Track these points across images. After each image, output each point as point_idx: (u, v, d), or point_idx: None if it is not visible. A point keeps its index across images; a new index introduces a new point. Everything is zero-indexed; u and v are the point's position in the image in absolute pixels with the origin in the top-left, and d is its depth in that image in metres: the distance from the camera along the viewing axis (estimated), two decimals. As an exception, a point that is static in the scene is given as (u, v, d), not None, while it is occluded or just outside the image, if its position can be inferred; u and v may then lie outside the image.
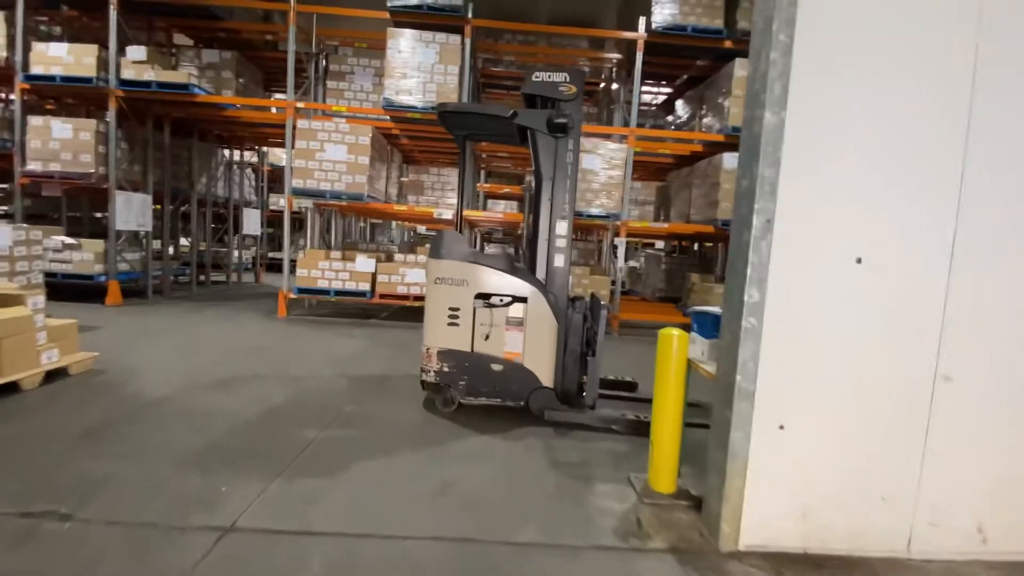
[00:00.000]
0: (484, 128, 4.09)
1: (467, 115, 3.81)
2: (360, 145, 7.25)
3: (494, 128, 4.06)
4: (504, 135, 4.32)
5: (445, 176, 10.01)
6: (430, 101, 7.30)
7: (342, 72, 8.46)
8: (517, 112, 3.65)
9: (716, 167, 7.76)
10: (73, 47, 7.26)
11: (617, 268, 7.75)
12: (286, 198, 7.44)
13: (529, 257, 3.87)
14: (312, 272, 7.40)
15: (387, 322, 7.70)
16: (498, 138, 4.39)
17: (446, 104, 3.70)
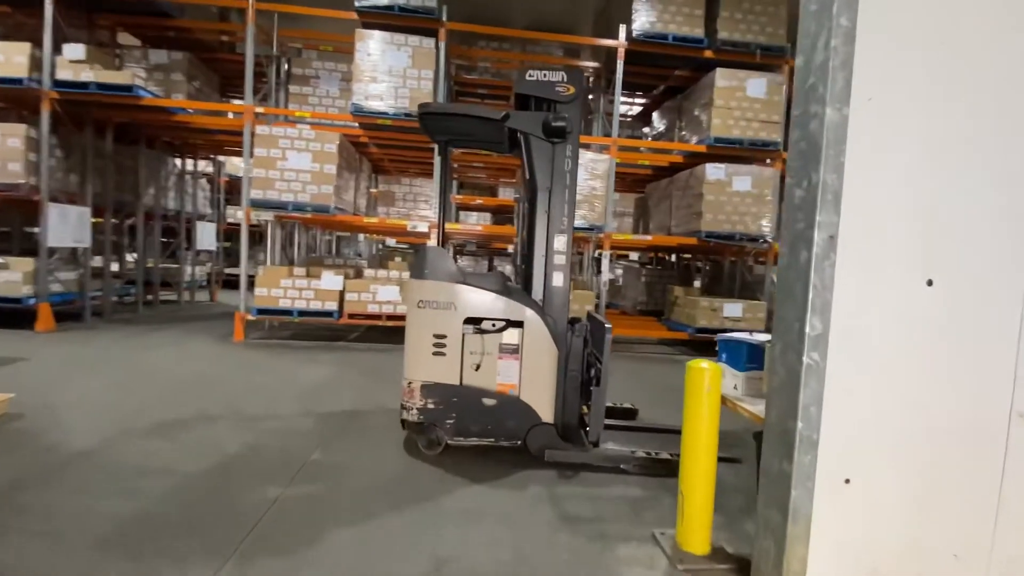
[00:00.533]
0: (470, 133, 3.67)
1: (451, 118, 3.39)
2: (326, 153, 6.71)
3: (481, 133, 3.65)
4: (492, 141, 3.91)
5: (418, 187, 9.53)
6: (402, 107, 6.85)
7: (306, 76, 7.92)
8: (509, 114, 3.26)
9: (699, 178, 7.58)
10: (3, 45, 6.48)
11: (601, 282, 7.43)
12: (243, 210, 6.81)
13: (524, 276, 3.46)
14: (272, 291, 6.77)
15: (357, 344, 7.12)
16: (484, 144, 3.98)
17: (428, 105, 3.27)
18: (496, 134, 3.62)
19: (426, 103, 3.21)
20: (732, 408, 2.32)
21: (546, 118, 3.22)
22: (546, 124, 3.22)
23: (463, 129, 3.59)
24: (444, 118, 3.39)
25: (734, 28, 7.40)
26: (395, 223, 7.39)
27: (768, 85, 7.41)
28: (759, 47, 7.45)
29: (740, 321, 7.59)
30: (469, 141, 3.95)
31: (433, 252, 3.25)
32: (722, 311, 7.55)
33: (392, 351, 6.74)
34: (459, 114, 3.31)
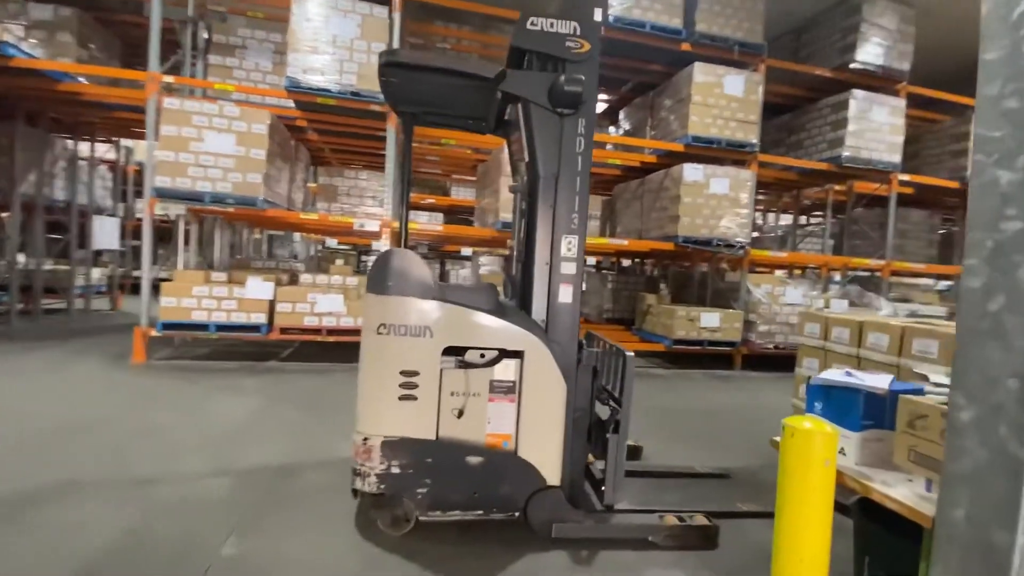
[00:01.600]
0: (448, 100, 2.82)
1: (426, 74, 2.51)
2: (254, 135, 5.58)
3: (463, 100, 2.81)
4: (474, 115, 3.07)
5: (364, 181, 8.46)
6: (348, 85, 5.83)
7: (230, 45, 6.69)
8: (506, 73, 2.43)
9: (676, 179, 7.07)
10: None
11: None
12: (146, 201, 5.53)
13: (521, 290, 2.64)
14: (184, 300, 5.53)
15: (290, 365, 5.99)
16: (463, 120, 3.13)
17: (397, 53, 2.37)
18: (483, 102, 2.79)
19: (394, 50, 2.33)
20: (855, 487, 1.62)
21: (555, 81, 2.42)
22: (555, 89, 2.42)
23: (439, 94, 2.73)
24: (417, 75, 2.51)
25: (712, 21, 6.96)
26: (339, 221, 6.34)
27: (746, 83, 7.03)
28: (737, 43, 7.05)
29: (717, 332, 7.15)
30: (444, 114, 3.09)
31: (400, 257, 2.36)
32: (699, 321, 7.07)
33: (334, 372, 5.69)
34: (439, 69, 2.43)
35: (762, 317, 7.45)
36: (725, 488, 3.27)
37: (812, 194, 10.81)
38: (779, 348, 7.43)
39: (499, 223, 6.41)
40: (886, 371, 3.03)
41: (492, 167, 7.15)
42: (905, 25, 7.76)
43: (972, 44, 6.08)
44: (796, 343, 7.37)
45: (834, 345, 3.45)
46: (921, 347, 2.80)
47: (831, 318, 3.50)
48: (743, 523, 2.77)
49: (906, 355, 2.90)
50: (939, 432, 1.49)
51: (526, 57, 2.60)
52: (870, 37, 7.54)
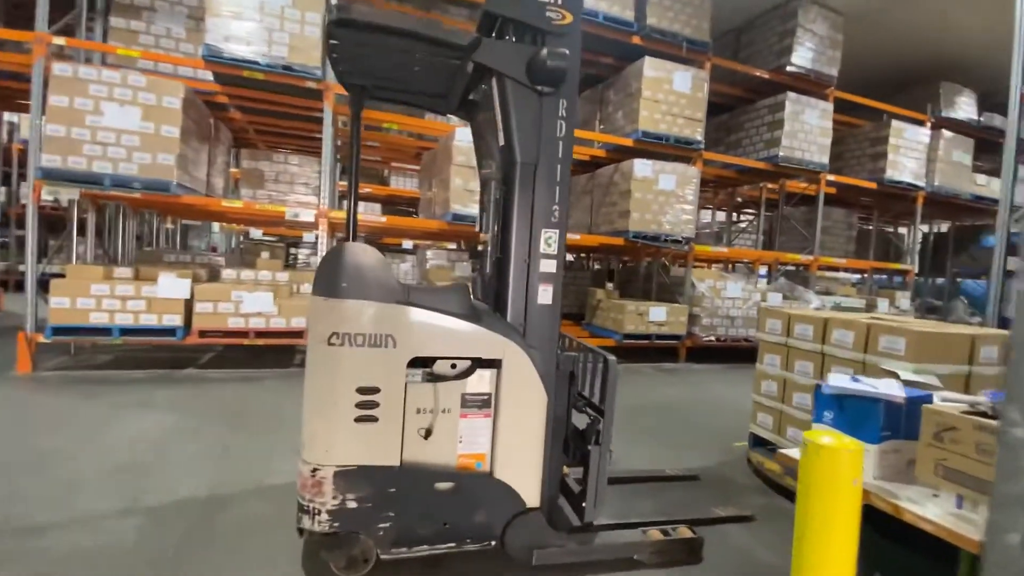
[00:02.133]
0: (405, 72, 2.46)
1: (385, 39, 2.14)
2: (165, 109, 4.85)
3: (423, 73, 2.46)
4: (434, 92, 2.72)
5: (295, 166, 7.76)
6: (279, 57, 5.23)
7: (136, 7, 5.81)
8: (481, 41, 2.12)
9: (626, 174, 7.03)
10: None
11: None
12: (30, 184, 4.66)
13: (495, 290, 2.34)
14: (80, 300, 4.73)
15: (210, 372, 5.32)
16: (421, 96, 2.76)
17: (350, 9, 1.98)
18: (448, 76, 2.46)
19: (346, 5, 1.93)
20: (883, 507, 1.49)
21: (535, 53, 2.15)
22: (535, 63, 2.14)
23: (398, 64, 2.37)
24: (374, 38, 2.13)
25: (663, 15, 6.95)
26: (268, 210, 5.71)
27: (693, 80, 7.10)
28: (685, 39, 7.09)
29: (664, 325, 7.22)
30: (400, 89, 2.72)
31: (356, 254, 1.99)
32: (648, 315, 7.10)
33: (264, 379, 5.12)
34: (402, 31, 2.07)
35: (705, 311, 7.62)
36: (696, 491, 3.17)
37: (745, 192, 11.30)
38: (721, 340, 7.64)
39: (449, 215, 6.05)
40: (851, 367, 3.05)
41: (440, 155, 6.76)
42: (834, 32, 8.18)
43: (892, 52, 6.44)
44: (736, 336, 7.57)
45: (797, 342, 3.44)
46: (888, 344, 2.81)
47: (794, 315, 3.49)
48: (722, 529, 2.66)
49: (872, 351, 2.90)
50: (974, 446, 1.38)
51: (497, 25, 2.30)
52: (804, 42, 7.86)
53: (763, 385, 3.73)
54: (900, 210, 10.68)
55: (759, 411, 3.72)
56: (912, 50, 9.45)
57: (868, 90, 9.09)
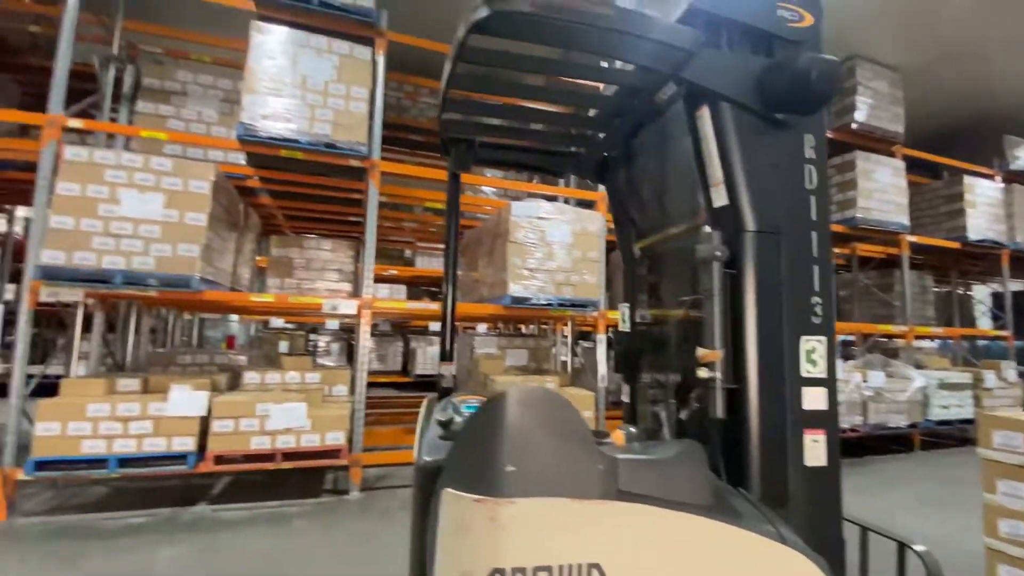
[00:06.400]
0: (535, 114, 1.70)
1: (542, 41, 1.36)
2: (193, 195, 4.20)
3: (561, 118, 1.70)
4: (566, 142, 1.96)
5: (328, 251, 7.10)
6: (321, 136, 4.68)
7: (166, 91, 5.42)
8: (692, 53, 1.35)
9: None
10: None
11: (599, 378, 5.52)
12: (25, 286, 3.93)
13: (713, 439, 1.38)
14: (72, 425, 3.81)
15: (226, 510, 4.23)
16: (537, 156, 1.99)
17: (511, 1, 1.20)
18: (600, 114, 1.69)
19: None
20: None
21: (770, 68, 1.37)
22: (771, 78, 1.36)
23: (537, 91, 1.64)
24: (540, 28, 1.31)
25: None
26: (304, 302, 4.92)
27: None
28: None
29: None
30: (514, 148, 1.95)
31: (530, 409, 1.07)
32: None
33: (293, 519, 4.03)
34: (590, 21, 1.26)
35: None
36: None
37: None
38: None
39: (507, 298, 5.21)
40: None
41: (489, 232, 6.06)
42: (894, 89, 7.78)
43: (945, 107, 5.59)
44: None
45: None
46: None
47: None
48: None
49: None
50: None
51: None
52: (867, 99, 7.43)
53: (1002, 525, 2.64)
54: (979, 270, 9.76)
55: (1000, 562, 2.60)
56: (965, 104, 9.04)
57: (923, 146, 8.55)
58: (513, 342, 6.61)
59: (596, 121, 1.78)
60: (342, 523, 3.94)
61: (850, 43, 7.33)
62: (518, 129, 1.87)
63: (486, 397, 1.70)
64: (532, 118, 1.77)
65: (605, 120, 1.76)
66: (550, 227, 5.38)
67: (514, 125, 1.84)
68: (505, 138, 1.89)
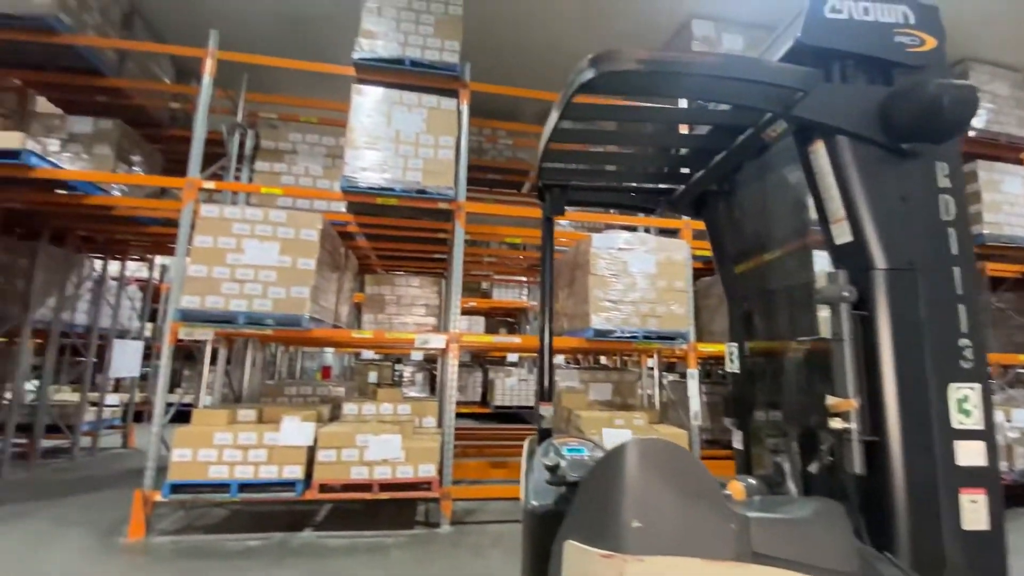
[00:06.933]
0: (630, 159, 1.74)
1: (646, 93, 1.41)
2: (303, 242, 4.67)
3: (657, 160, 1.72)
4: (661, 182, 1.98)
5: (416, 288, 7.49)
6: (413, 183, 5.03)
7: (279, 151, 6.11)
8: (806, 93, 1.33)
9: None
10: None
11: (692, 414, 5.28)
12: (166, 327, 4.51)
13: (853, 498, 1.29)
14: (201, 452, 4.26)
15: (330, 537, 4.47)
16: (630, 195, 2.02)
17: (614, 57, 1.27)
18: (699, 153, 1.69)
19: (608, 54, 1.23)
20: None
21: (893, 97, 1.31)
22: (895, 108, 1.30)
23: (637, 139, 1.65)
24: (673, 82, 1.34)
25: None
26: (399, 337, 5.21)
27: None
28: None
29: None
30: (609, 188, 2.00)
31: (652, 460, 1.07)
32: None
33: (390, 549, 4.17)
34: (699, 71, 1.29)
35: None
36: None
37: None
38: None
39: (590, 331, 5.18)
40: None
41: (568, 265, 6.10)
42: (1017, 91, 6.98)
43: None
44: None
45: None
46: None
47: None
48: None
49: None
50: None
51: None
52: (986, 103, 6.72)
53: None
54: None
55: None
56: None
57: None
58: (596, 375, 6.50)
59: (696, 159, 1.77)
60: (436, 557, 4.02)
61: (960, 46, 6.73)
62: (614, 172, 1.91)
63: (586, 439, 1.71)
64: (630, 161, 1.81)
65: (706, 157, 1.75)
66: (632, 257, 5.32)
67: (611, 168, 1.88)
68: (600, 180, 1.94)
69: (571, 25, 6.50)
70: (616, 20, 6.44)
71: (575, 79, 1.28)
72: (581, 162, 1.86)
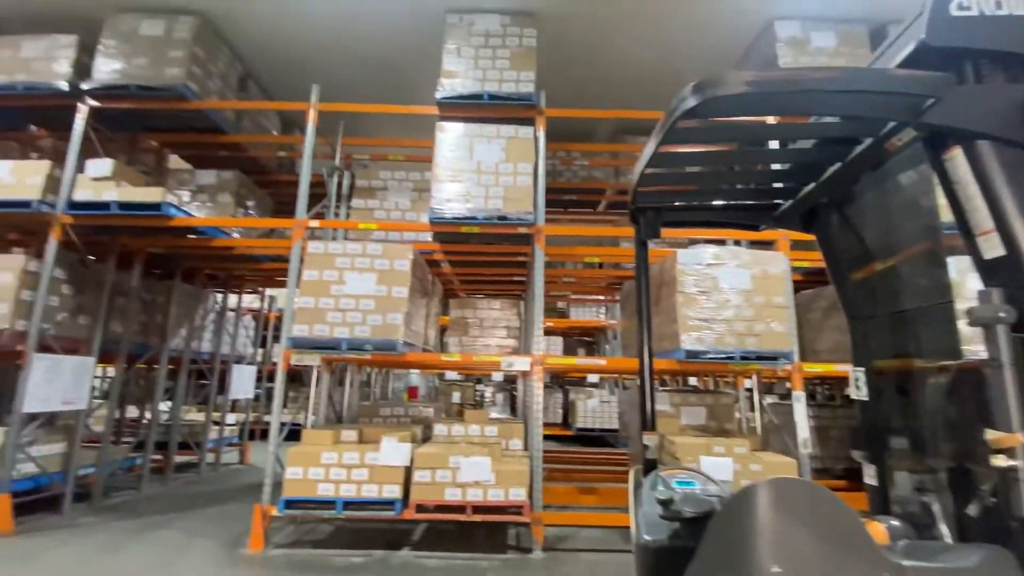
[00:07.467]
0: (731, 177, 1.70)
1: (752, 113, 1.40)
2: (396, 272, 4.97)
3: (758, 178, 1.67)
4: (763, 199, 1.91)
5: (497, 310, 7.67)
6: (494, 210, 5.20)
7: (372, 188, 6.59)
8: (939, 99, 1.25)
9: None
10: (18, 164, 5.46)
11: (801, 441, 4.89)
12: (280, 354, 4.95)
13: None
14: (310, 471, 4.59)
15: (427, 557, 4.60)
16: (731, 212, 1.97)
17: (720, 82, 1.26)
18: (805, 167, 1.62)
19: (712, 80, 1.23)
20: None
21: None
22: None
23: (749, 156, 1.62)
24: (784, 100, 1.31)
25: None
26: (485, 360, 5.35)
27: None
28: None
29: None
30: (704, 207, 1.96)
31: (791, 507, 1.01)
32: None
33: (485, 574, 4.21)
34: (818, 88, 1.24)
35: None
36: None
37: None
38: None
39: (680, 351, 5.00)
40: None
41: (652, 281, 5.96)
42: None
43: None
44: None
45: None
46: None
47: None
48: None
49: None
50: None
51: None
52: None
53: None
54: None
55: None
56: None
57: None
58: (687, 398, 6.21)
59: (807, 172, 1.68)
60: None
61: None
62: (714, 191, 1.86)
63: (696, 471, 1.65)
64: (732, 179, 1.76)
65: (818, 170, 1.65)
66: (723, 273, 5.09)
67: (710, 188, 1.84)
68: (698, 200, 1.90)
69: (643, 41, 6.48)
70: (689, 31, 6.33)
71: (679, 105, 1.28)
72: (679, 183, 1.84)
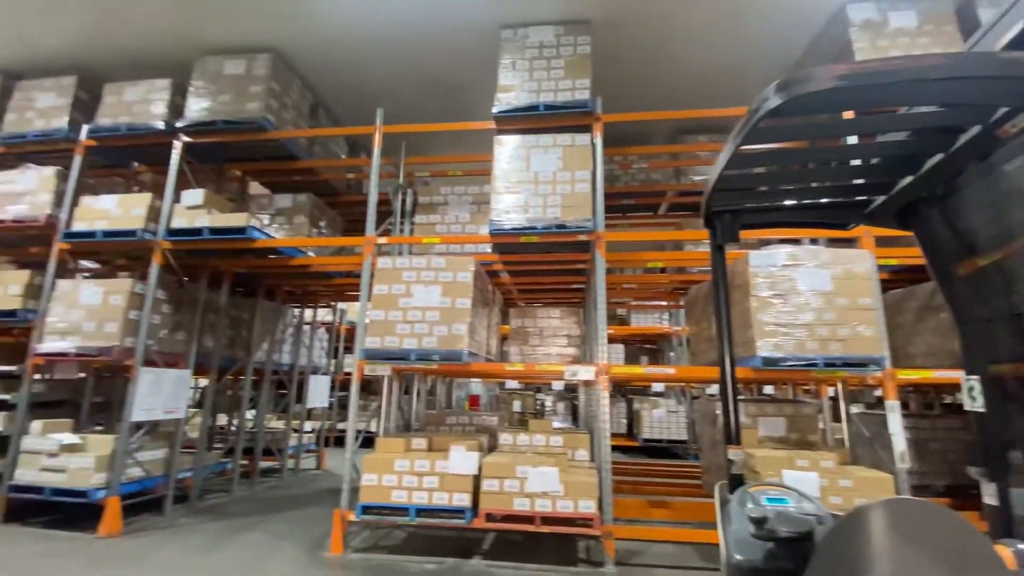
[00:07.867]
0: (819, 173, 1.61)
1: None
2: (459, 284, 5.09)
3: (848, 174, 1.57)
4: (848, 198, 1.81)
5: (557, 319, 7.63)
6: (552, 219, 5.21)
7: (433, 204, 6.80)
8: None
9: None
10: (124, 198, 6.11)
11: (898, 455, 4.50)
12: (355, 364, 5.20)
13: None
14: (384, 477, 4.76)
15: (498, 568, 4.63)
16: (813, 212, 1.87)
17: (809, 78, 1.19)
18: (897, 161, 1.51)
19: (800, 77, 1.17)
20: None
21: None
22: None
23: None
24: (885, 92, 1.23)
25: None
26: (548, 369, 5.34)
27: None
28: None
29: None
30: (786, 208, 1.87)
31: (904, 532, 0.96)
32: None
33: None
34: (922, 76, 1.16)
35: None
36: None
37: None
38: None
39: (757, 359, 4.75)
40: None
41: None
42: None
43: None
44: None
45: None
46: None
47: None
48: None
49: None
50: None
51: None
52: None
53: None
54: None
55: None
56: None
57: None
58: (764, 408, 5.89)
59: (904, 166, 1.56)
60: (603, 597, 3.93)
61: None
62: (798, 190, 1.76)
63: (787, 488, 1.57)
64: (818, 176, 1.65)
65: (916, 163, 1.53)
66: (800, 274, 4.81)
67: (792, 187, 1.75)
68: (779, 200, 1.81)
69: (700, 39, 6.30)
70: (748, 26, 6.08)
71: (762, 105, 1.23)
72: (757, 183, 1.77)
